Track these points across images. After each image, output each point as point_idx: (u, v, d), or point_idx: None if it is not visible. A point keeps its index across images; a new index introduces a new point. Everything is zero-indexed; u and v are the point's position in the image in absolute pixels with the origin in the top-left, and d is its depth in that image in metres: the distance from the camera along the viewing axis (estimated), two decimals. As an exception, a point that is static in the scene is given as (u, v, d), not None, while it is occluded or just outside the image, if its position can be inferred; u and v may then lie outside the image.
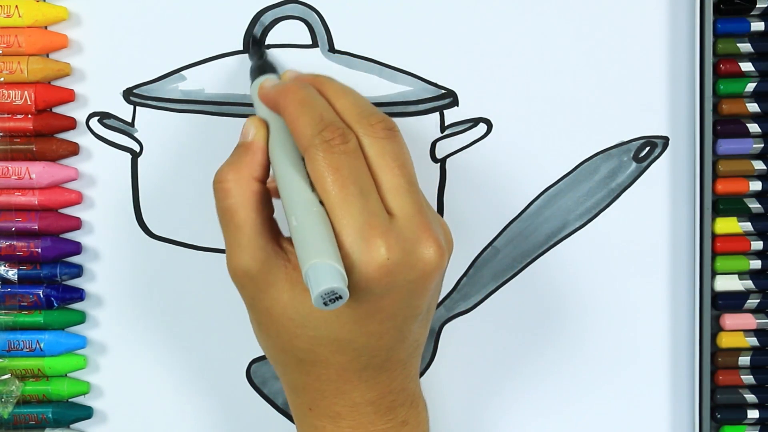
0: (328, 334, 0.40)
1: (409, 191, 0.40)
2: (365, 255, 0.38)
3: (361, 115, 0.41)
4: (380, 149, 0.40)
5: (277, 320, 0.40)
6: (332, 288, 0.36)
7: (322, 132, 0.39)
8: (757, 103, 0.49)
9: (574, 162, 0.50)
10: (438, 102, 0.50)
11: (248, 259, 0.40)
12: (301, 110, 0.41)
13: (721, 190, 0.50)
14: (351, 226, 0.38)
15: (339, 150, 0.39)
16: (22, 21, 0.48)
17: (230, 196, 0.41)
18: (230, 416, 0.51)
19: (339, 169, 0.39)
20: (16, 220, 0.49)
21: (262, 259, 0.40)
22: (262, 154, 0.42)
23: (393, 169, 0.40)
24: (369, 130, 0.40)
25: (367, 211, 0.38)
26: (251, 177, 0.41)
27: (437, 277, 0.40)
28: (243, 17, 0.49)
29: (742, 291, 0.50)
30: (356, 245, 0.38)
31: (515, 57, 0.50)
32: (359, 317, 0.39)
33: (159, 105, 0.49)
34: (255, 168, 0.42)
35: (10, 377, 0.49)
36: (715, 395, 0.51)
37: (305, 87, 0.42)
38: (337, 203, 0.38)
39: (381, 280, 0.38)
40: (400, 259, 0.38)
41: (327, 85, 0.43)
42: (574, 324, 0.51)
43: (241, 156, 0.42)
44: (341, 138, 0.39)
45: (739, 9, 0.49)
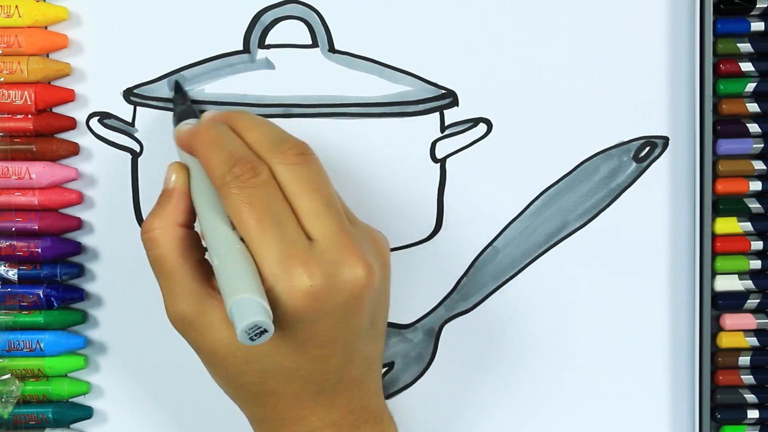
0: (273, 366, 0.40)
1: (327, 213, 0.40)
2: (287, 285, 0.38)
3: (272, 145, 0.41)
4: (293, 175, 0.40)
5: (223, 359, 0.41)
6: (254, 322, 0.36)
7: (232, 168, 0.40)
8: (757, 103, 0.49)
9: (574, 162, 0.50)
10: (438, 102, 0.50)
11: (183, 305, 0.41)
12: (211, 150, 0.41)
13: (721, 190, 0.50)
14: (270, 258, 0.38)
15: (251, 184, 0.39)
16: (22, 21, 0.48)
17: (157, 246, 0.41)
18: (230, 416, 0.51)
19: (252, 203, 0.39)
20: (16, 220, 0.49)
21: (196, 303, 0.41)
22: (184, 199, 0.43)
23: (308, 193, 0.40)
24: (280, 158, 0.40)
25: (285, 241, 0.38)
26: (175, 223, 0.42)
27: (370, 294, 0.40)
28: (243, 17, 0.49)
29: (742, 291, 0.50)
30: (278, 276, 0.38)
31: (515, 57, 0.50)
32: (297, 345, 0.40)
33: (159, 105, 0.49)
34: (178, 214, 0.42)
35: (10, 377, 0.49)
36: (715, 395, 0.51)
37: (215, 126, 0.43)
38: (255, 237, 0.39)
39: (308, 307, 0.38)
40: (324, 284, 0.38)
41: (238, 120, 0.43)
42: (574, 324, 0.51)
43: (165, 203, 0.43)
44: (252, 171, 0.39)
45: (739, 9, 0.49)
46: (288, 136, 0.42)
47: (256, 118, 0.44)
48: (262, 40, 0.49)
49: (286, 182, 0.40)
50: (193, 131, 0.43)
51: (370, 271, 0.39)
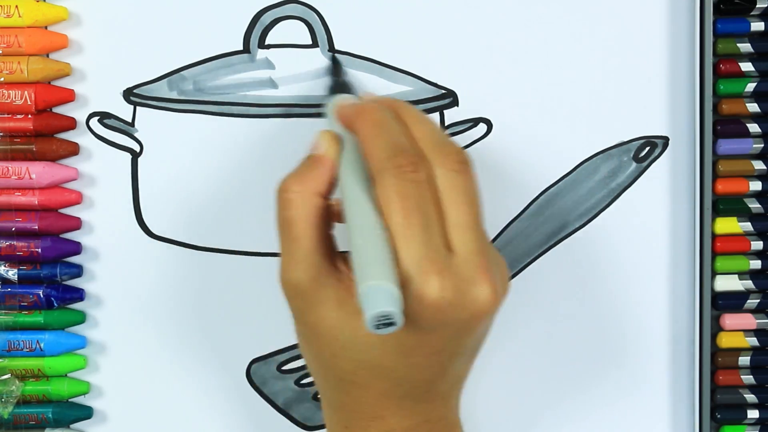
0: (370, 359, 0.40)
1: (473, 229, 0.39)
2: (418, 288, 0.37)
3: (436, 145, 0.40)
4: (451, 183, 0.39)
5: (322, 338, 0.40)
6: (388, 312, 0.35)
7: (394, 157, 0.39)
8: (757, 103, 0.49)
9: (574, 162, 0.50)
10: (438, 102, 0.50)
11: (300, 273, 0.40)
12: (377, 132, 0.40)
13: (721, 190, 0.50)
14: (409, 257, 0.37)
15: (409, 178, 0.38)
16: (22, 21, 0.48)
17: (292, 207, 0.40)
18: (230, 416, 0.51)
19: (406, 198, 0.38)
20: (16, 220, 0.49)
21: (314, 275, 0.40)
22: (330, 170, 0.41)
23: (461, 204, 0.39)
24: (443, 161, 0.39)
25: (428, 245, 0.38)
26: (315, 191, 0.41)
27: (488, 319, 0.40)
28: (243, 17, 0.49)
29: (742, 291, 0.50)
30: (411, 277, 0.37)
31: (515, 57, 0.50)
32: (404, 348, 0.39)
33: (159, 105, 0.49)
34: (321, 183, 0.41)
35: (10, 377, 0.49)
36: (715, 395, 0.51)
37: (383, 110, 0.41)
38: (400, 231, 0.38)
39: (431, 316, 0.38)
40: (453, 299, 0.38)
41: (405, 111, 0.42)
42: (574, 324, 0.51)
43: (309, 168, 0.41)
44: (413, 166, 0.38)
45: (739, 9, 0.49)
46: (452, 141, 0.41)
47: (422, 114, 0.42)
48: (262, 40, 0.49)
49: (442, 187, 0.39)
50: (359, 108, 0.42)
51: (496, 297, 0.39)
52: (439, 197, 0.39)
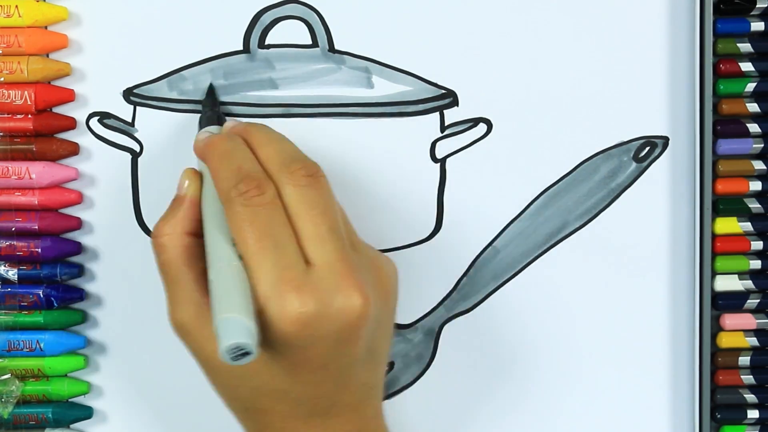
0: (265, 385, 0.40)
1: (328, 239, 0.39)
2: (279, 308, 0.38)
3: (282, 164, 0.41)
4: (299, 197, 0.40)
5: (218, 371, 0.41)
6: (237, 343, 0.36)
7: (238, 185, 0.39)
8: (757, 103, 0.49)
9: (574, 162, 0.50)
10: (438, 102, 0.50)
11: (183, 313, 0.41)
12: (221, 163, 0.41)
13: (721, 190, 0.50)
14: (265, 280, 0.38)
15: (254, 202, 0.39)
16: (22, 21, 0.48)
17: (165, 252, 0.42)
18: (230, 416, 0.51)
19: (253, 222, 0.39)
20: (16, 220, 0.49)
21: (196, 312, 0.41)
22: (194, 207, 0.42)
23: (313, 217, 0.39)
24: (289, 178, 0.40)
25: (282, 264, 0.38)
26: (183, 232, 0.42)
27: (365, 324, 0.39)
28: (243, 17, 0.49)
29: (742, 291, 0.50)
30: (270, 299, 0.38)
31: (515, 57, 0.50)
32: (288, 368, 0.40)
33: (159, 105, 0.49)
34: (187, 223, 0.42)
35: (10, 377, 0.49)
36: (715, 395, 0.51)
37: (229, 138, 0.42)
38: (252, 256, 0.38)
39: (298, 332, 0.38)
40: (316, 311, 0.38)
41: (254, 135, 0.43)
42: (573, 324, 0.51)
43: (175, 210, 0.43)
44: (257, 189, 0.39)
45: (739, 9, 0.49)
46: (300, 156, 0.42)
47: (272, 133, 0.43)
48: (262, 40, 0.49)
49: (291, 203, 0.40)
50: (208, 141, 0.43)
51: (366, 302, 0.39)
52: (290, 215, 0.39)
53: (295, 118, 0.49)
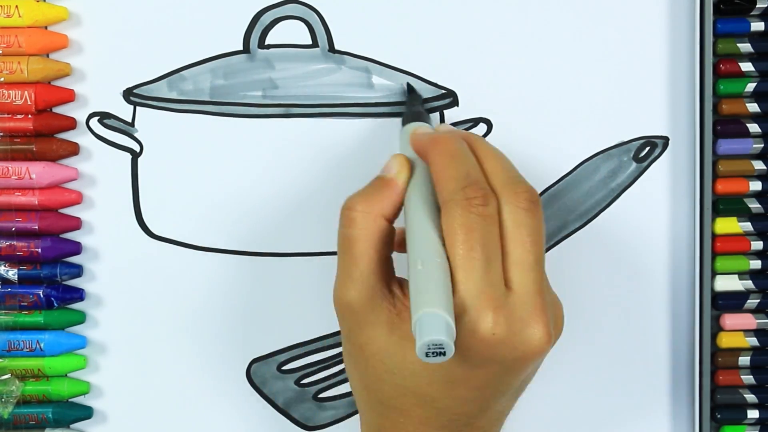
0: (414, 387, 0.39)
1: (534, 269, 0.39)
2: (473, 322, 0.37)
3: (507, 181, 0.40)
4: (518, 220, 0.39)
5: (368, 359, 0.40)
6: (440, 341, 0.35)
7: (465, 189, 0.39)
8: (757, 103, 0.49)
9: (574, 162, 0.50)
10: (438, 102, 0.50)
11: (355, 293, 0.40)
12: (450, 163, 0.40)
13: (721, 190, 0.50)
14: (467, 290, 0.37)
15: (477, 211, 0.38)
16: (22, 21, 0.48)
17: (355, 226, 0.40)
18: (230, 416, 0.51)
19: (471, 230, 0.38)
20: (16, 220, 0.49)
21: (369, 296, 0.40)
22: (398, 193, 0.41)
23: (525, 243, 0.39)
24: (512, 198, 0.39)
25: (487, 280, 0.38)
26: (381, 213, 0.41)
27: (539, 360, 0.40)
28: (243, 17, 0.49)
29: (742, 291, 0.50)
30: (467, 310, 0.37)
31: (515, 57, 0.50)
32: (450, 379, 0.39)
33: (159, 105, 0.49)
34: (387, 206, 0.41)
35: (10, 377, 0.49)
36: (715, 395, 0.51)
37: (458, 141, 0.42)
38: (460, 263, 0.38)
39: (481, 351, 0.38)
40: (505, 337, 0.38)
41: (479, 144, 0.42)
42: (573, 324, 0.51)
43: (377, 190, 0.41)
44: (482, 199, 0.38)
45: (739, 9, 0.49)
46: (523, 179, 0.41)
47: (496, 149, 0.42)
48: (262, 40, 0.49)
49: (508, 224, 0.39)
50: (434, 138, 0.42)
51: (549, 340, 0.39)
52: (504, 234, 0.39)
53: (295, 118, 0.49)
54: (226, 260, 0.50)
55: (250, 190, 0.50)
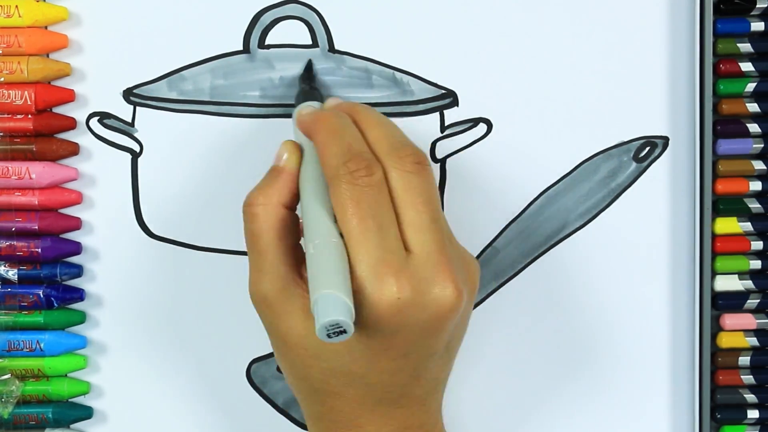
0: (340, 367, 0.40)
1: (430, 228, 0.39)
2: (375, 292, 0.37)
3: (391, 147, 0.40)
4: (406, 183, 0.39)
5: (293, 348, 0.40)
6: (337, 320, 0.36)
7: (347, 163, 0.39)
8: (757, 103, 0.49)
9: (574, 162, 0.50)
10: (438, 102, 0.50)
11: (267, 285, 0.40)
12: (330, 139, 0.40)
13: (721, 190, 0.50)
14: (365, 262, 0.38)
15: (362, 182, 0.39)
16: (22, 21, 0.48)
17: (257, 221, 0.41)
18: (230, 416, 0.51)
19: (359, 202, 0.38)
20: (16, 220, 0.49)
21: (281, 286, 0.40)
22: (292, 180, 0.42)
23: (417, 205, 0.39)
24: (397, 163, 0.40)
25: (383, 247, 0.38)
26: (279, 203, 0.41)
27: (454, 318, 0.39)
28: (243, 17, 0.49)
29: (742, 291, 0.50)
30: (367, 281, 0.37)
31: (515, 57, 0.50)
32: (370, 353, 0.39)
33: (159, 105, 0.49)
34: (284, 194, 0.41)
35: (10, 377, 0.49)
36: (715, 395, 0.51)
37: (339, 116, 0.42)
38: (354, 236, 0.38)
39: (391, 318, 0.38)
40: (412, 299, 0.38)
41: (362, 115, 0.42)
42: (574, 324, 0.51)
43: (272, 180, 0.42)
44: (366, 170, 0.39)
45: (739, 9, 0.49)
46: (408, 142, 0.41)
47: (380, 116, 0.43)
48: (262, 40, 0.49)
49: (397, 189, 0.39)
50: (315, 115, 0.43)
51: (459, 295, 0.39)
52: (395, 199, 0.39)
53: (295, 118, 0.49)
54: (226, 260, 0.50)
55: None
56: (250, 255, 0.41)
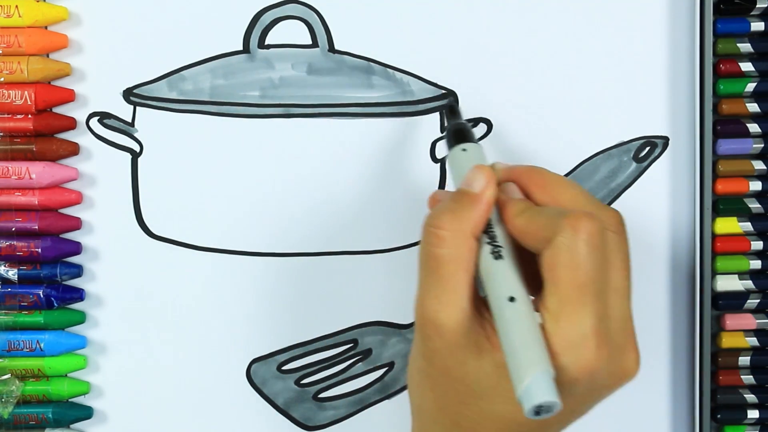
0: (502, 412, 0.38)
1: (628, 295, 0.38)
2: (577, 358, 0.36)
3: (594, 206, 0.39)
4: (616, 246, 0.38)
5: (453, 383, 0.38)
6: (549, 402, 0.34)
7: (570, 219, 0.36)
8: (757, 103, 0.49)
9: (574, 162, 0.50)
10: (438, 102, 0.50)
11: (445, 316, 0.37)
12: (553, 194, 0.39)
13: (721, 190, 0.50)
14: (575, 328, 0.36)
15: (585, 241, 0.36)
16: (22, 21, 0.48)
17: (444, 246, 0.38)
18: (230, 416, 0.51)
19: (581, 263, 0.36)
20: (16, 220, 0.49)
21: (460, 320, 0.37)
22: (488, 212, 0.39)
23: (621, 269, 0.38)
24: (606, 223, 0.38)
25: (598, 314, 0.36)
26: (471, 233, 0.38)
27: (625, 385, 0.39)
28: (243, 17, 0.49)
29: (742, 291, 0.50)
30: (572, 347, 0.36)
31: (515, 57, 0.50)
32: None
33: (159, 105, 0.49)
34: (477, 224, 0.38)
35: (10, 377, 0.49)
36: (716, 395, 0.51)
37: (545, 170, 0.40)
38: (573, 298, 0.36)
39: (584, 382, 0.36)
40: (604, 367, 0.37)
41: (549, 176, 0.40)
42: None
43: (466, 207, 0.39)
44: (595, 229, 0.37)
45: (739, 9, 0.49)
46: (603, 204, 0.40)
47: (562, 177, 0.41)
48: (262, 40, 0.49)
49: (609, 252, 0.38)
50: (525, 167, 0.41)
51: (638, 363, 0.38)
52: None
53: (295, 118, 0.49)
54: (226, 260, 0.50)
55: (250, 190, 0.50)
56: (426, 278, 0.38)
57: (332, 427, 0.51)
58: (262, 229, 0.50)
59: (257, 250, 0.50)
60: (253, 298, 0.50)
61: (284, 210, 0.50)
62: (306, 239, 0.50)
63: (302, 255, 0.50)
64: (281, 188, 0.50)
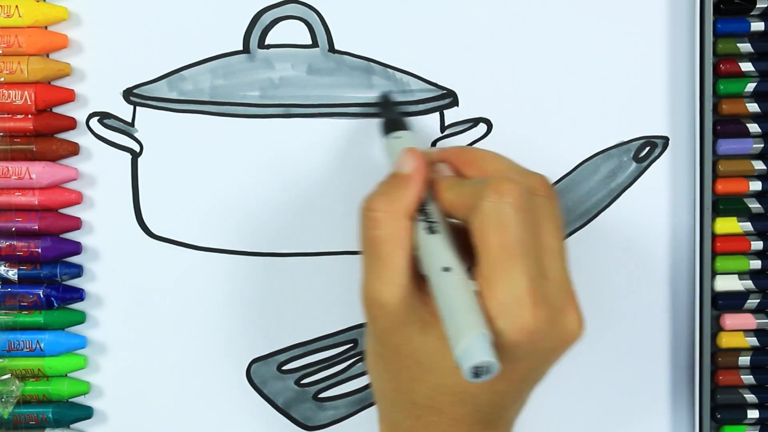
0: (454, 385, 0.39)
1: (563, 255, 0.39)
2: (513, 320, 0.36)
3: (520, 174, 0.40)
4: (543, 208, 0.39)
5: (403, 360, 0.39)
6: (486, 362, 0.35)
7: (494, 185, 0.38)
8: (757, 103, 0.49)
9: (574, 162, 0.50)
10: (438, 102, 0.50)
11: (387, 294, 0.38)
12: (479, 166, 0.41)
13: (721, 190, 0.50)
14: (508, 289, 0.37)
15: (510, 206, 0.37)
16: (22, 21, 0.48)
17: (379, 228, 0.39)
18: (230, 416, 0.51)
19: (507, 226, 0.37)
20: (16, 220, 0.49)
21: (402, 296, 0.38)
22: (419, 190, 0.40)
23: (555, 230, 0.39)
24: (534, 188, 0.39)
25: (530, 275, 0.37)
26: (404, 213, 0.40)
27: (573, 345, 0.39)
28: (243, 17, 0.49)
29: (742, 291, 0.50)
30: (506, 309, 0.36)
31: (515, 57, 0.50)
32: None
33: (159, 105, 0.49)
34: (410, 203, 0.40)
35: (10, 377, 0.49)
36: (715, 395, 0.51)
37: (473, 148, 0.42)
38: (501, 262, 0.37)
39: (523, 346, 0.37)
40: (546, 327, 0.37)
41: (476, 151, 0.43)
42: (574, 324, 0.51)
43: (397, 188, 0.40)
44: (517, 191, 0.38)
45: (739, 9, 0.49)
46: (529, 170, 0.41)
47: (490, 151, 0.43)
48: (262, 40, 0.49)
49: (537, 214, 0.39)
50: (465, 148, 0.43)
51: (582, 325, 0.38)
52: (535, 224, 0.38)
53: (295, 118, 0.49)
54: (226, 260, 0.50)
55: (250, 190, 0.50)
56: (367, 260, 0.40)
57: (332, 427, 0.51)
58: (262, 229, 0.50)
59: (257, 250, 0.50)
60: (253, 298, 0.50)
61: (284, 210, 0.50)
62: (306, 239, 0.50)
63: (302, 255, 0.50)
64: (281, 188, 0.50)
